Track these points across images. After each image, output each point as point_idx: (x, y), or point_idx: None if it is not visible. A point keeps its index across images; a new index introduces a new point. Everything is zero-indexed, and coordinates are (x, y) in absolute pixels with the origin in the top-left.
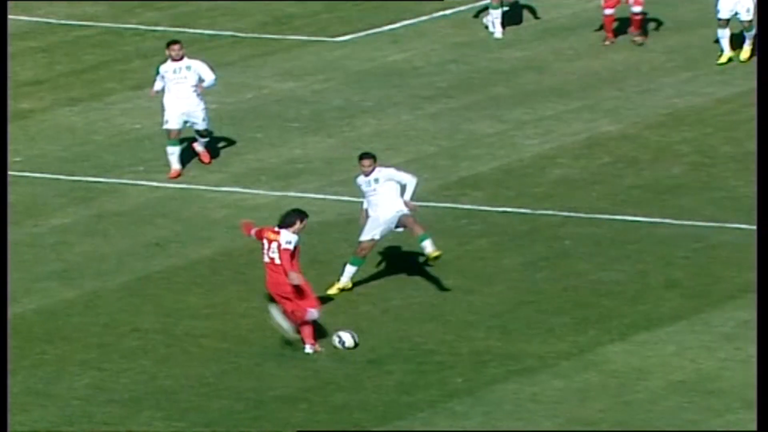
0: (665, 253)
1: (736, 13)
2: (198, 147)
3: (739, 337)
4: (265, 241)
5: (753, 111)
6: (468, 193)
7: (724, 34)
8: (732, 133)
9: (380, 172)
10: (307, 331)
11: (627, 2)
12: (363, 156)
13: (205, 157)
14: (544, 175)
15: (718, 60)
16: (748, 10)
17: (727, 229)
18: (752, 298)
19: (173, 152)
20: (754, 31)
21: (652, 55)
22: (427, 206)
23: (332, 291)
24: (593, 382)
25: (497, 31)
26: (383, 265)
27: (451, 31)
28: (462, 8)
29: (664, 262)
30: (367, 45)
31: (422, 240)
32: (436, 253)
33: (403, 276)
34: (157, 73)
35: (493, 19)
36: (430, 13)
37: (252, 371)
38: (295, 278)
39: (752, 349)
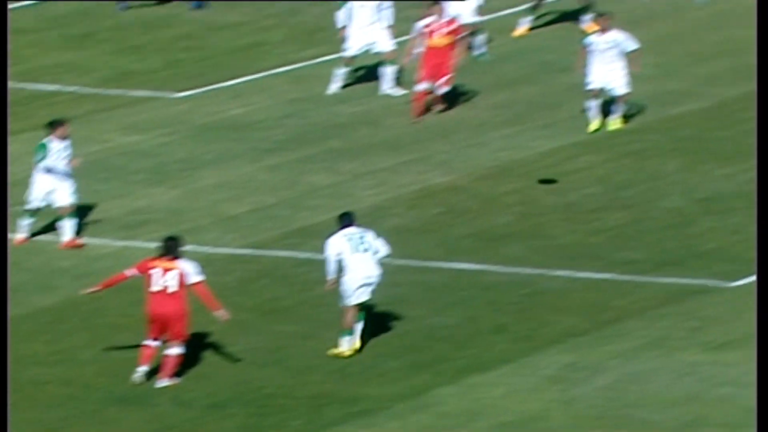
0: (494, 299)
1: (609, 88)
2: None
3: (563, 379)
4: (159, 270)
5: (575, 163)
6: (307, 241)
7: (593, 105)
8: (555, 185)
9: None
10: (172, 363)
11: (436, 82)
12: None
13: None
14: (379, 224)
15: (588, 129)
16: (624, 84)
17: (552, 275)
18: (575, 342)
19: (28, 222)
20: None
21: (480, 110)
22: (267, 255)
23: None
24: (426, 424)
25: (333, 87)
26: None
27: (289, 87)
28: (299, 65)
29: (493, 307)
30: (209, 100)
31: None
32: (345, 352)
33: (244, 321)
34: (45, 150)
35: (336, 76)
36: (269, 69)
37: (96, 416)
38: (224, 314)
39: (575, 391)
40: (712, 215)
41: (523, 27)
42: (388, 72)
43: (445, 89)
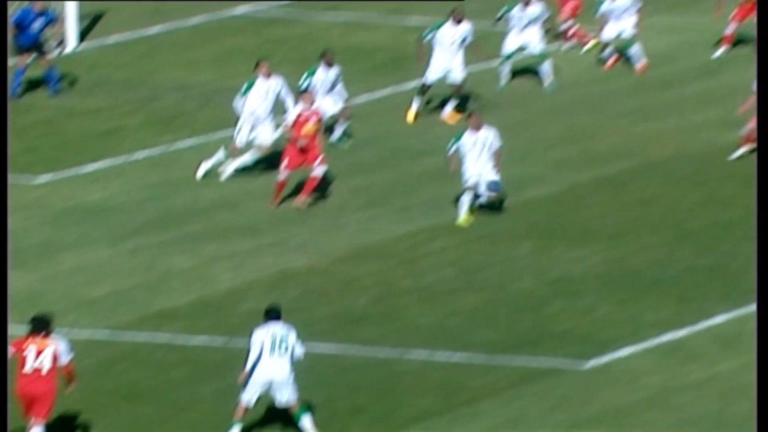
0: (352, 381)
1: (480, 185)
2: None
3: None
4: (33, 350)
5: (431, 246)
6: (165, 324)
7: (465, 201)
8: (412, 267)
9: None
10: None
11: (310, 165)
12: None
13: None
14: (238, 307)
15: (458, 221)
16: (493, 185)
17: (409, 357)
18: (432, 423)
19: None
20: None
21: (338, 194)
22: (126, 338)
23: None
24: None
25: (200, 171)
26: (79, 393)
27: (147, 172)
28: (157, 150)
29: (351, 389)
30: (68, 185)
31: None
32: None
33: (102, 404)
34: None
35: (210, 159)
36: (128, 154)
37: None
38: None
39: None
40: (563, 297)
41: (413, 110)
42: (248, 159)
43: (322, 169)
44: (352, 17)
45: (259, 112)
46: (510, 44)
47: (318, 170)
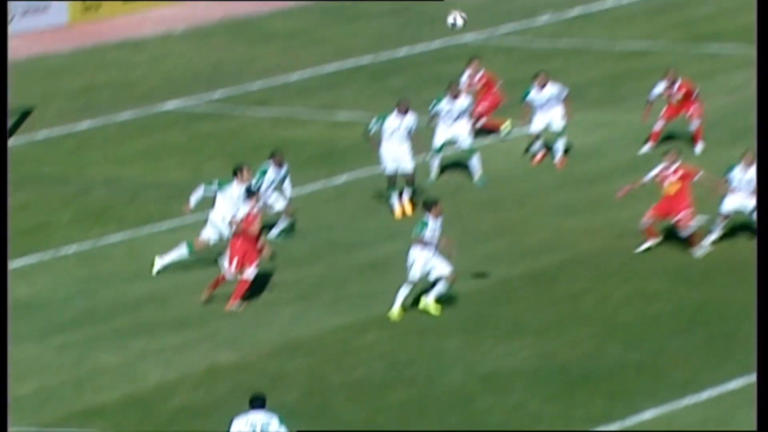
0: None
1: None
2: None
3: None
4: None
5: (361, 340)
6: (93, 421)
7: (402, 293)
8: (342, 361)
9: None
10: None
11: (240, 268)
12: None
13: None
14: (166, 403)
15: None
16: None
17: None
18: None
19: None
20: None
21: (269, 288)
22: None
23: None
24: None
25: (157, 266)
26: None
27: (77, 266)
28: (86, 245)
29: None
30: None
31: None
32: None
33: None
34: None
35: (169, 254)
36: (57, 247)
37: None
38: None
39: None
40: (492, 392)
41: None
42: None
43: (253, 272)
44: (282, 112)
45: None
46: (439, 137)
47: (249, 273)
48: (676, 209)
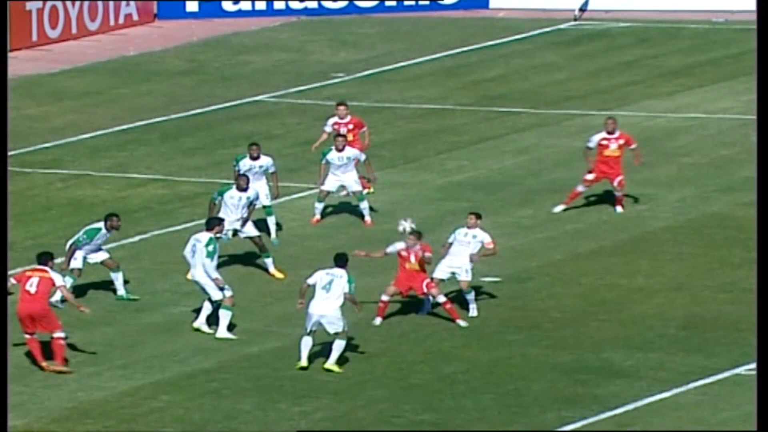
0: None
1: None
2: None
3: None
4: None
5: (154, 403)
6: None
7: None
8: (133, 425)
9: None
10: None
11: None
12: None
13: None
14: None
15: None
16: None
17: None
18: None
19: None
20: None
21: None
22: None
23: None
24: None
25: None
26: None
27: None
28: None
29: None
30: None
31: None
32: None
33: None
34: None
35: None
36: None
37: None
38: None
39: None
40: None
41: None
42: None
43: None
44: (73, 172)
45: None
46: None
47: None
48: (418, 283)
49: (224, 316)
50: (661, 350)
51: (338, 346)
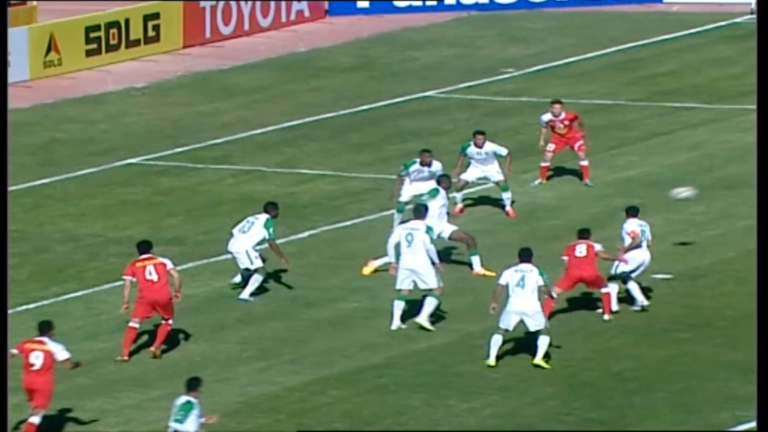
0: None
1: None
2: None
3: None
4: None
5: (322, 398)
6: None
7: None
8: (302, 420)
9: None
10: None
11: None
12: None
13: None
14: None
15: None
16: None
17: None
18: None
19: None
20: None
21: (228, 345)
22: None
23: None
24: None
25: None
26: None
27: (33, 325)
28: (43, 303)
29: None
30: None
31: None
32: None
33: None
34: None
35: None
36: (13, 308)
37: None
38: None
39: None
40: None
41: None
42: None
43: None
44: (243, 168)
45: None
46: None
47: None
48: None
49: (430, 303)
50: None
51: (543, 341)
